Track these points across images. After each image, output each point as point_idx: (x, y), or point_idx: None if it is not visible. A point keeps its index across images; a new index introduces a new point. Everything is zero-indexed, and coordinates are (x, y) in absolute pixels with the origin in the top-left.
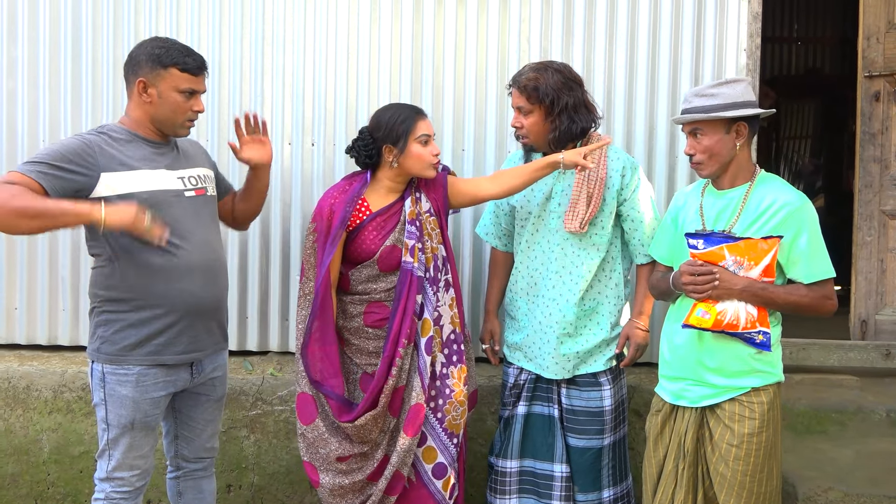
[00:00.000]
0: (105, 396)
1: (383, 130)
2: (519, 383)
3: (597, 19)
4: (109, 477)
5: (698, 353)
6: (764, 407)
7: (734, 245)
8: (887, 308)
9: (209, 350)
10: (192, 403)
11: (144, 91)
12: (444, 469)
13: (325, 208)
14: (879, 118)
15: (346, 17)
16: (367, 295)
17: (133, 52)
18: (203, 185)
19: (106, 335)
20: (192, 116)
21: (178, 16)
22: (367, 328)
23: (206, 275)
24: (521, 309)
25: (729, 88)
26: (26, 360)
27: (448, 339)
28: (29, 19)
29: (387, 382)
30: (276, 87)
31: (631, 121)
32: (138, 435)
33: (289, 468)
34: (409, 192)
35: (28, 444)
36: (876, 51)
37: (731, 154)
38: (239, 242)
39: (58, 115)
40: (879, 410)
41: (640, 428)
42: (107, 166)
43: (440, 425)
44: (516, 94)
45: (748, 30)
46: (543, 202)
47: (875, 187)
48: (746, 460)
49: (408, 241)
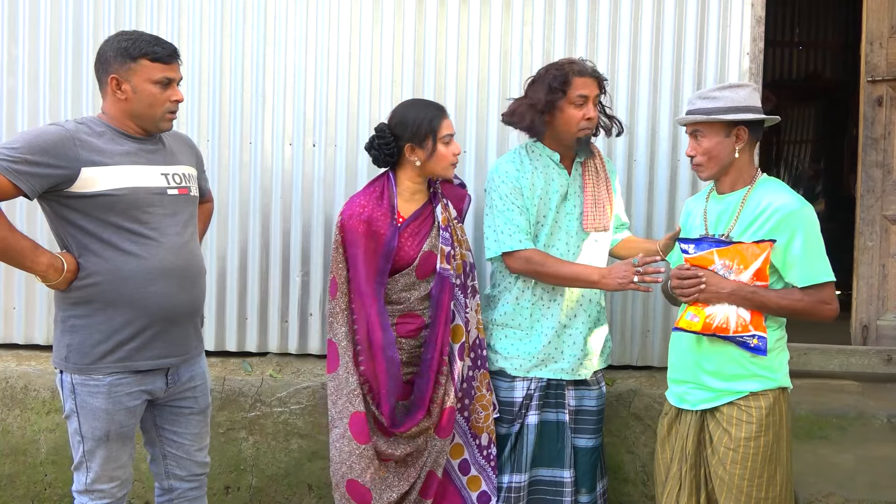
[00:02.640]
0: (77, 408)
1: (409, 129)
2: (530, 394)
3: (599, 22)
4: (89, 489)
5: (697, 356)
6: (762, 412)
7: (724, 249)
8: (889, 313)
9: (185, 355)
10: (173, 418)
11: (118, 88)
12: (468, 466)
13: (356, 218)
14: (882, 123)
15: (348, 17)
16: (402, 305)
17: (100, 49)
18: (187, 184)
19: (73, 343)
20: (172, 108)
21: (180, 15)
22: (400, 339)
23: (183, 278)
24: (533, 316)
25: (732, 92)
26: (24, 360)
27: (474, 344)
28: (30, 18)
29: (437, 392)
30: (278, 87)
31: (633, 123)
32: (115, 446)
33: (287, 470)
34: (436, 198)
35: (25, 445)
36: (879, 55)
37: (730, 157)
38: (239, 242)
39: (58, 114)
40: (880, 416)
41: (641, 431)
42: (87, 160)
43: (466, 423)
44: (594, 84)
45: (751, 33)
46: (560, 203)
47: (877, 192)
48: (744, 464)
49: (444, 247)
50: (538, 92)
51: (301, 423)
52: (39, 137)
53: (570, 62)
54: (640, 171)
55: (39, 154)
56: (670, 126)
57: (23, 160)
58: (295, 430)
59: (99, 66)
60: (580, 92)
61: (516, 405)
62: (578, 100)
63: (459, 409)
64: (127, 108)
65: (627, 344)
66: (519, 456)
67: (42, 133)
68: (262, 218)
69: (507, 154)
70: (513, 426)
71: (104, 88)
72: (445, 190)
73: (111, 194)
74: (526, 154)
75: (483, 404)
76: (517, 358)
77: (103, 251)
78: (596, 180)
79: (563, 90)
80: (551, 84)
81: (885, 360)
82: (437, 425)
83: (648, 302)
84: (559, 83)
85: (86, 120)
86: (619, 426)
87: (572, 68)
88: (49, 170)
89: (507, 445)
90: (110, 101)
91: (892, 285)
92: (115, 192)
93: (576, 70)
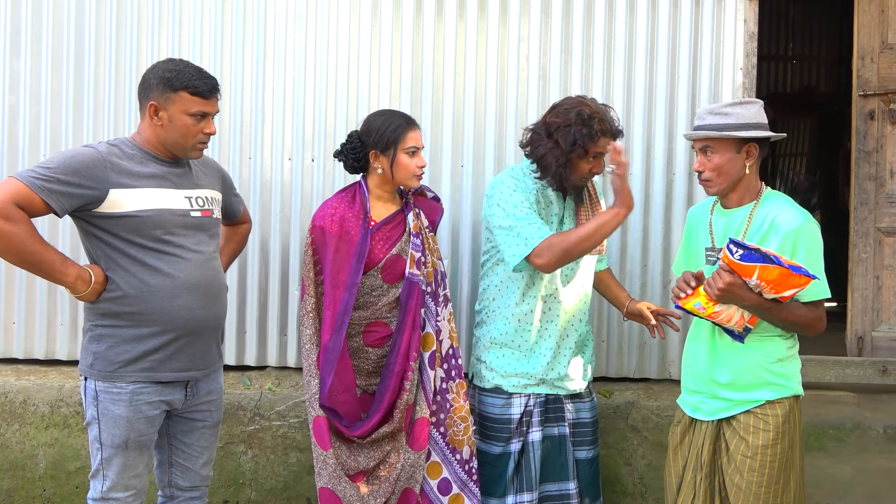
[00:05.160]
0: (98, 415)
1: (373, 136)
2: (529, 410)
3: (595, 38)
4: (104, 497)
5: (711, 367)
6: (779, 419)
7: (767, 268)
8: (883, 324)
9: (206, 370)
10: (186, 429)
11: (155, 115)
12: (449, 485)
13: (328, 219)
14: (874, 136)
15: (347, 32)
16: (368, 311)
17: (145, 74)
18: (210, 206)
19: (100, 351)
20: (204, 139)
21: (181, 30)
22: (367, 347)
23: (207, 294)
24: (532, 335)
25: (743, 109)
26: (23, 375)
27: (447, 354)
28: (32, 34)
29: (401, 397)
30: (277, 102)
31: (628, 138)
32: (132, 454)
33: (286, 484)
34: (408, 207)
35: (24, 460)
36: (870, 70)
37: (739, 173)
38: (238, 257)
39: (59, 130)
40: (877, 427)
41: (638, 444)
42: (116, 182)
43: (443, 439)
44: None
45: (744, 49)
46: (558, 225)
47: (870, 205)
48: (761, 471)
49: (413, 253)
50: (565, 139)
51: (300, 436)
52: (73, 159)
53: (601, 119)
54: (636, 185)
55: (72, 174)
56: (665, 140)
57: (55, 179)
58: (294, 443)
59: (141, 90)
60: (598, 150)
61: (513, 422)
62: (594, 154)
63: (434, 424)
64: (161, 134)
65: (625, 356)
66: (526, 474)
67: (76, 155)
68: (262, 232)
69: (509, 171)
70: (510, 444)
71: (142, 112)
72: (419, 202)
73: (137, 215)
74: (522, 176)
75: (462, 416)
76: (515, 376)
77: (130, 266)
78: (590, 204)
79: (586, 149)
80: (577, 139)
81: (880, 370)
82: (409, 436)
83: None
84: (584, 141)
85: (118, 142)
86: (616, 438)
87: (602, 127)
88: (80, 190)
89: (508, 465)
90: (146, 124)
91: (886, 297)
92: (141, 214)
93: (603, 130)
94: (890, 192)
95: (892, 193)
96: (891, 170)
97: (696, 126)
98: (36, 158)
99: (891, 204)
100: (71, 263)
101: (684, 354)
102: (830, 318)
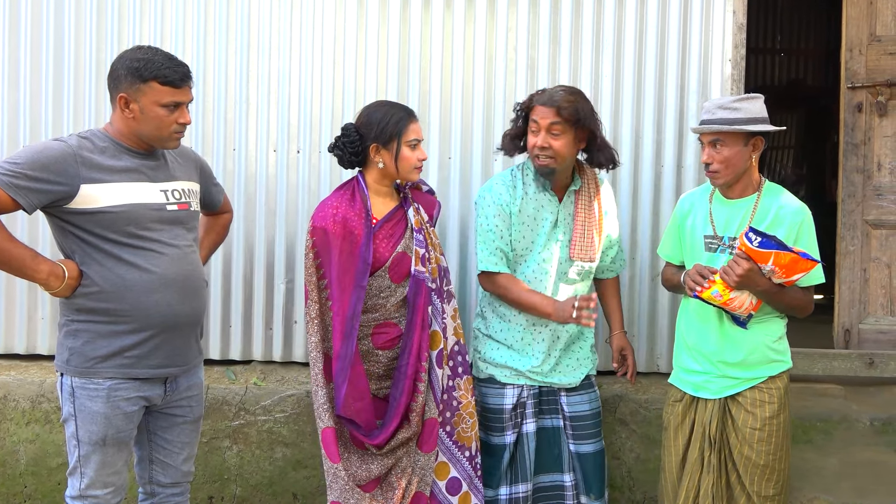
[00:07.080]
0: (75, 411)
1: (374, 129)
2: (522, 401)
3: (583, 29)
4: (82, 495)
5: (720, 348)
6: (780, 391)
7: (781, 254)
8: (870, 317)
9: (185, 366)
10: (166, 425)
11: (126, 107)
12: (459, 484)
13: (330, 219)
14: (862, 129)
15: (333, 23)
16: (377, 313)
17: (113, 64)
18: (187, 199)
19: (76, 347)
20: (179, 129)
21: (163, 21)
22: (377, 350)
23: (185, 289)
24: (524, 339)
25: (750, 104)
26: (3, 370)
27: (453, 351)
28: (10, 21)
29: (415, 400)
30: (262, 93)
31: (617, 129)
32: (111, 451)
33: (272, 479)
34: (407, 202)
35: (5, 456)
36: (858, 62)
37: (745, 165)
38: (222, 250)
39: (38, 118)
40: (864, 419)
41: (627, 437)
42: (87, 177)
43: (449, 438)
44: (550, 112)
45: (733, 40)
46: (550, 230)
47: (858, 197)
48: (769, 441)
49: (418, 249)
50: (515, 116)
51: (286, 431)
52: (42, 154)
53: (542, 90)
54: (624, 176)
55: (39, 170)
56: (654, 132)
57: (23, 175)
58: (279, 438)
59: (110, 81)
60: (533, 117)
61: (506, 412)
62: (533, 126)
63: (441, 424)
64: (134, 126)
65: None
66: (521, 466)
67: (45, 149)
68: (247, 225)
69: (503, 173)
70: (505, 436)
71: (113, 103)
72: (416, 196)
73: (110, 211)
74: (520, 176)
75: (470, 412)
76: (508, 367)
77: (105, 261)
78: (587, 211)
79: (526, 117)
80: (517, 111)
81: (867, 363)
82: (419, 438)
83: (633, 308)
84: (523, 109)
85: (89, 134)
86: (604, 432)
87: (536, 96)
88: (49, 186)
89: (503, 456)
90: (118, 116)
91: (873, 289)
92: (114, 210)
93: (537, 98)
94: (877, 185)
95: (880, 186)
96: (878, 162)
97: (706, 120)
98: (14, 146)
99: (878, 196)
100: (42, 259)
101: (686, 337)
102: (817, 311)
